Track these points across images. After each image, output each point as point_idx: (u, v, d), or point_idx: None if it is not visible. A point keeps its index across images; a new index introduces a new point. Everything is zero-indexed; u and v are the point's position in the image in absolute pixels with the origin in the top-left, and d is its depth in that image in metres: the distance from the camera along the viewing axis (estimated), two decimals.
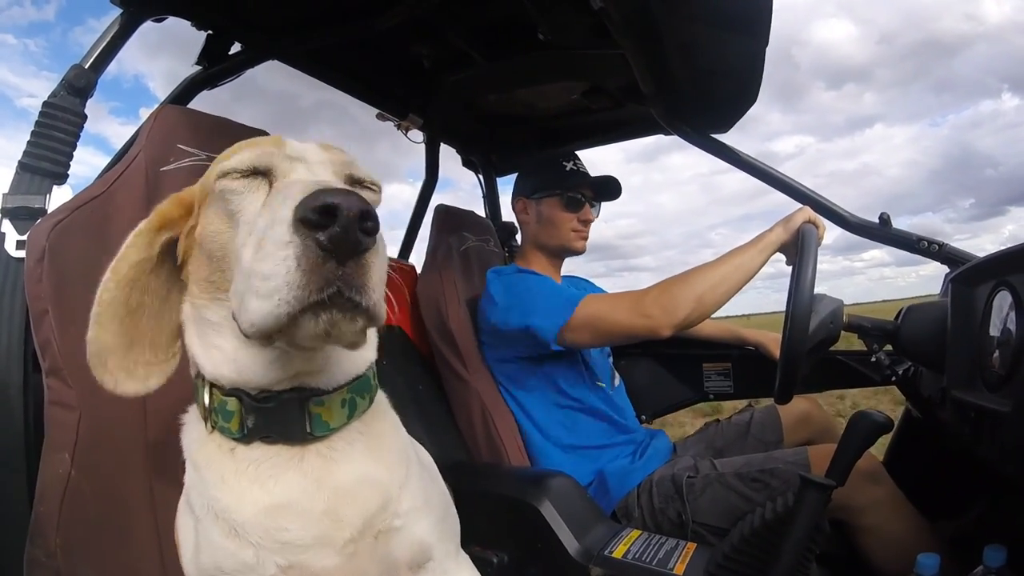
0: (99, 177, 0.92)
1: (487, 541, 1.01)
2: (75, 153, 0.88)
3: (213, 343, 0.53)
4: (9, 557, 0.72)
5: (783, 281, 1.03)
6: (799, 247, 1.02)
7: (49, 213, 0.80)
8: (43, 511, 0.70)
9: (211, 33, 1.16)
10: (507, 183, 1.80)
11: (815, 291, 0.93)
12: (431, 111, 1.61)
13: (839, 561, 1.13)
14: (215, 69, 1.19)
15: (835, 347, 1.04)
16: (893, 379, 1.15)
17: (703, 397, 1.71)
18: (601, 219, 1.52)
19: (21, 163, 0.84)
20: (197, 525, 0.54)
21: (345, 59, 1.38)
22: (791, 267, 1.03)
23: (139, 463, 0.77)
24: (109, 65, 0.95)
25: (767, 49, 1.06)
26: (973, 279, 0.92)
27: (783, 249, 1.14)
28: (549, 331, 1.21)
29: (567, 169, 1.45)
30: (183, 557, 0.56)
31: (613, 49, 1.17)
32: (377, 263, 0.43)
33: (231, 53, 1.20)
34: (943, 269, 1.23)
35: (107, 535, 0.74)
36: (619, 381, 1.50)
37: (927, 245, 1.26)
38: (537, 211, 1.46)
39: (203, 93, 1.20)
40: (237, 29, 1.18)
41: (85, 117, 0.89)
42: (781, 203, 1.30)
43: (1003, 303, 0.78)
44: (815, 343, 0.95)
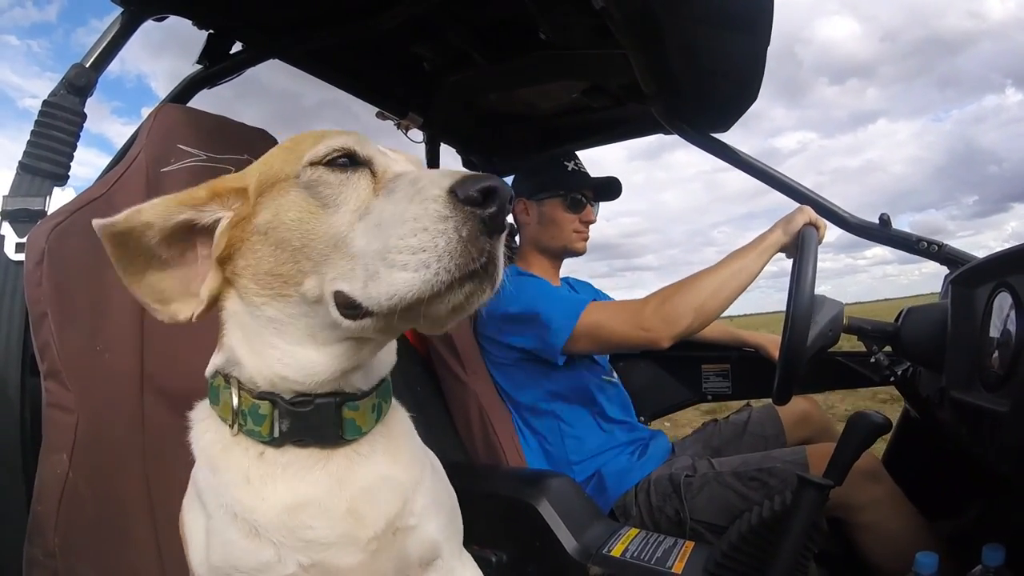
0: (99, 178, 0.92)
1: (486, 540, 1.02)
2: (77, 154, 0.88)
3: (269, 342, 0.53)
4: (8, 556, 0.72)
5: (785, 280, 1.03)
6: (799, 249, 1.02)
7: (48, 216, 0.79)
8: (41, 511, 0.70)
9: (212, 32, 1.16)
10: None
11: (816, 292, 0.94)
12: (431, 110, 1.61)
13: (838, 559, 1.13)
14: (216, 68, 1.19)
15: (834, 348, 1.04)
16: (892, 379, 1.15)
17: (702, 398, 1.71)
18: (604, 218, 1.52)
19: (21, 164, 0.84)
20: (209, 523, 0.54)
21: (345, 59, 1.37)
22: (792, 267, 1.03)
23: (136, 464, 0.77)
24: (111, 64, 0.95)
25: (768, 48, 1.06)
26: (973, 280, 0.92)
27: (783, 250, 1.14)
28: (554, 348, 1.21)
29: (569, 169, 1.45)
30: (191, 554, 0.56)
31: (614, 49, 1.17)
32: (503, 242, 0.48)
33: (232, 52, 1.20)
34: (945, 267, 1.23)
35: (105, 535, 0.74)
36: (615, 379, 1.50)
37: (927, 246, 1.26)
38: (538, 212, 1.45)
39: (206, 91, 1.21)
40: (238, 28, 1.18)
41: (85, 116, 0.89)
42: (784, 201, 1.30)
43: (1003, 304, 0.78)
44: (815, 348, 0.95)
